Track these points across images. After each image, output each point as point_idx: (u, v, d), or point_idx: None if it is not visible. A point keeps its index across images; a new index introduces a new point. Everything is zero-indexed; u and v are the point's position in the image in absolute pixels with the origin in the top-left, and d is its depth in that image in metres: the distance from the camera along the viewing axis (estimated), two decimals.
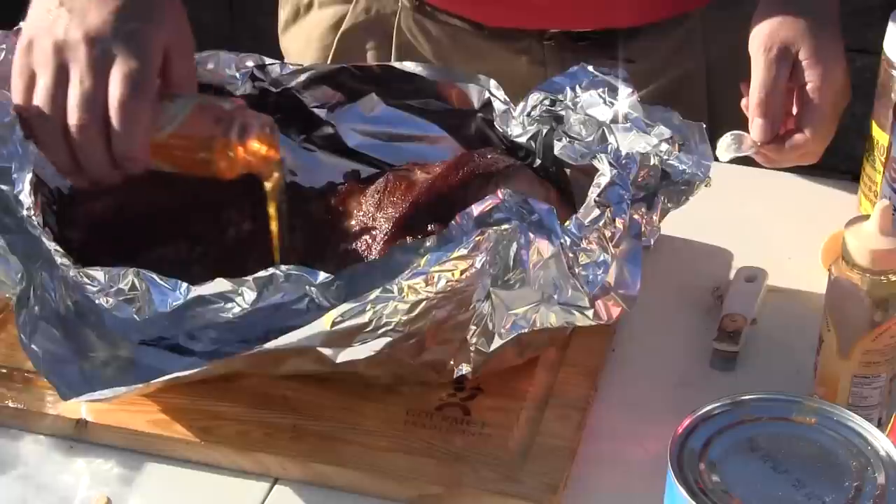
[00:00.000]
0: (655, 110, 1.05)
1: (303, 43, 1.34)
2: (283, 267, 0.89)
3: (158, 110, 0.93)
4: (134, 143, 0.91)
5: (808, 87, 1.03)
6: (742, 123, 1.07)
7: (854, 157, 1.22)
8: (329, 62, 1.31)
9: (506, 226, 0.86)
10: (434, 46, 1.28)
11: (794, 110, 1.05)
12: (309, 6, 1.33)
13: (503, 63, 1.26)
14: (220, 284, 0.90)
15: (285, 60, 1.36)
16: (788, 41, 1.02)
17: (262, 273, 0.89)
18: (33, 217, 0.95)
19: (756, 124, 1.03)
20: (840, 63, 1.04)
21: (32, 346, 0.93)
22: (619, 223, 0.91)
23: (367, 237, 1.01)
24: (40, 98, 0.91)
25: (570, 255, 0.88)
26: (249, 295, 0.90)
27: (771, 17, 1.04)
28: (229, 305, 0.90)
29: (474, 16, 1.26)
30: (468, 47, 1.28)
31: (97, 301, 0.92)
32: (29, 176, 0.97)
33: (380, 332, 0.88)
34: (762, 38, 1.03)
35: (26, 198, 0.96)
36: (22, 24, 1.12)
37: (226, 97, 1.06)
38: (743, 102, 1.05)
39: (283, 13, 1.37)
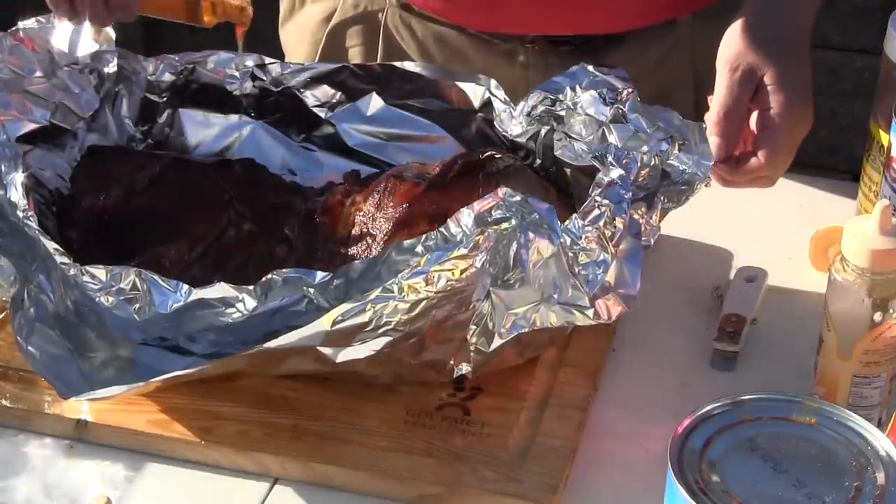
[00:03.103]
0: (655, 110, 1.05)
1: (297, 36, 1.34)
2: (281, 270, 0.89)
3: None
4: None
5: (770, 112, 1.02)
6: None
7: (854, 157, 1.23)
8: (318, 58, 1.31)
9: (505, 225, 0.86)
10: (419, 46, 1.28)
11: (755, 131, 1.04)
12: (303, 0, 1.34)
13: (487, 65, 1.26)
14: (221, 289, 0.90)
15: (284, 54, 1.37)
16: (755, 64, 1.02)
17: (262, 281, 0.89)
18: (30, 218, 0.95)
19: (710, 142, 1.03)
20: (804, 92, 1.03)
21: (29, 347, 0.93)
22: (618, 223, 0.91)
23: (367, 237, 1.01)
24: None
25: (570, 254, 0.88)
26: (250, 302, 0.90)
27: (744, 36, 1.03)
28: (230, 311, 0.90)
29: (454, 20, 1.26)
30: (452, 48, 1.28)
31: (98, 300, 0.92)
32: (20, 177, 0.97)
33: (380, 331, 0.88)
34: (730, 55, 1.03)
35: (20, 199, 0.96)
36: (20, 23, 1.13)
37: None
38: (706, 117, 1.05)
39: (282, 7, 1.37)
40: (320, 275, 0.89)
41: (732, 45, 1.03)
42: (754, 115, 1.03)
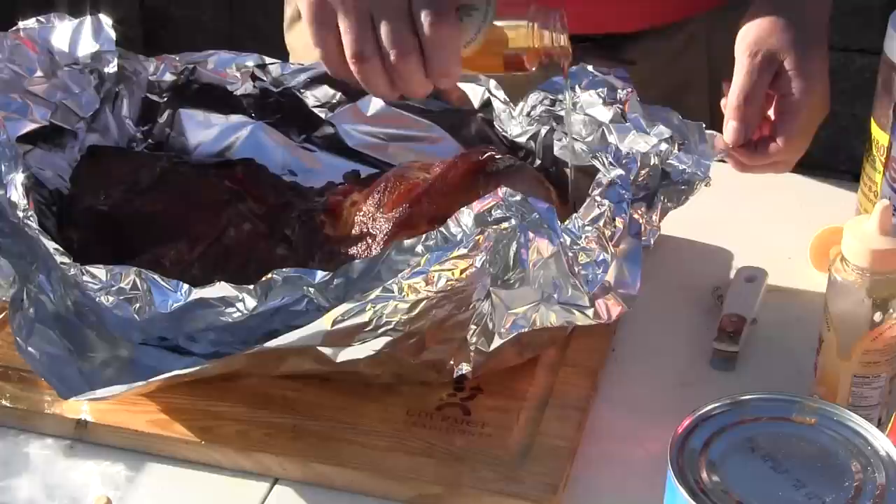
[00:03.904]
0: (655, 110, 1.05)
1: (307, 40, 1.34)
2: (281, 270, 0.89)
3: (460, 26, 0.97)
4: (447, 62, 0.96)
5: (789, 98, 1.03)
6: None
7: (854, 157, 1.23)
8: None
9: (505, 225, 0.86)
10: None
11: (772, 117, 1.05)
12: None
13: None
14: (221, 289, 0.90)
15: (290, 57, 1.36)
16: (775, 49, 1.02)
17: (262, 280, 0.89)
18: (30, 218, 0.95)
19: (729, 127, 1.03)
20: (823, 78, 1.04)
21: (29, 348, 0.93)
22: (618, 222, 0.91)
23: (367, 237, 1.01)
24: (354, 40, 0.95)
25: (570, 254, 0.88)
26: (250, 302, 0.90)
27: (762, 22, 1.04)
28: (230, 310, 0.90)
29: None
30: None
31: (98, 299, 0.92)
32: (20, 177, 0.97)
33: (380, 331, 0.88)
34: (749, 41, 1.03)
35: (20, 199, 0.96)
36: (20, 23, 1.13)
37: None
38: (722, 102, 1.05)
39: (289, 10, 1.37)
40: (320, 274, 0.89)
41: (751, 31, 1.04)
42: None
